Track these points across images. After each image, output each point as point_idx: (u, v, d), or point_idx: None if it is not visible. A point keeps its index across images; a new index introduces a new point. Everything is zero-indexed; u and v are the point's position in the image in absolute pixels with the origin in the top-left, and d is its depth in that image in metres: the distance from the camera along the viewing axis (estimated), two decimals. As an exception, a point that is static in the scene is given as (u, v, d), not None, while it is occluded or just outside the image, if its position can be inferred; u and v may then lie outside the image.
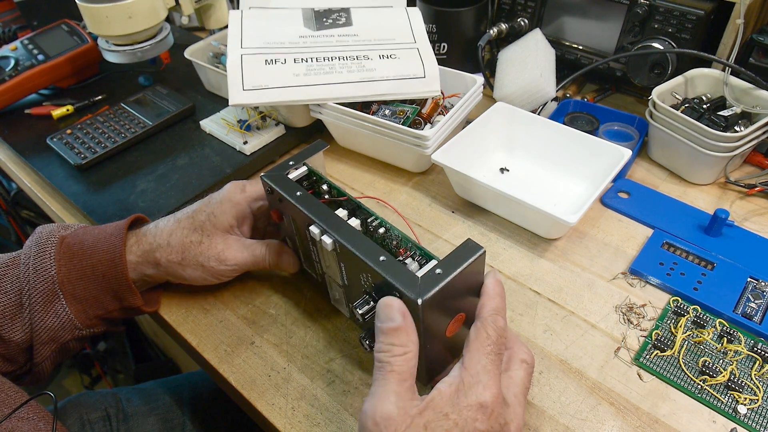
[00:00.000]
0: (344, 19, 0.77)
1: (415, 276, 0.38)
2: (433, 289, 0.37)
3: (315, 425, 0.46)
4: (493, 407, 0.36)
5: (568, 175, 0.67)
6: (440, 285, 0.37)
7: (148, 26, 0.76)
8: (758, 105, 0.66)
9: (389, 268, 0.39)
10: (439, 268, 0.38)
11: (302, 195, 0.47)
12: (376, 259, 0.40)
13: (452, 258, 0.39)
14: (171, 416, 0.70)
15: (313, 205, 0.46)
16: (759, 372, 0.48)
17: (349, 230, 0.43)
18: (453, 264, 0.39)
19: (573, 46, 0.83)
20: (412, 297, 0.37)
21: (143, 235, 0.53)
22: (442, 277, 0.38)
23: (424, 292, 0.37)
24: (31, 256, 0.50)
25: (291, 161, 0.51)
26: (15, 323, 0.49)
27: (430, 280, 0.38)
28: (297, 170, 0.51)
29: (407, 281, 0.38)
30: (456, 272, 0.38)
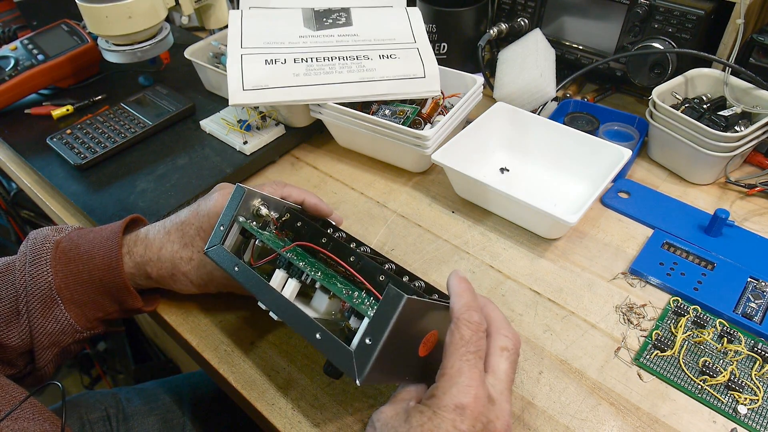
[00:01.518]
0: (344, 19, 0.77)
1: (349, 352, 0.38)
2: (368, 365, 0.37)
3: (315, 425, 0.46)
4: (473, 407, 0.36)
5: (568, 175, 0.67)
6: (374, 357, 0.37)
7: (148, 26, 0.76)
8: (758, 105, 0.66)
9: (326, 348, 0.39)
10: (369, 337, 0.37)
11: (240, 270, 0.46)
12: (313, 338, 0.40)
13: (378, 318, 0.37)
14: (171, 416, 0.70)
15: (251, 279, 0.45)
16: (759, 372, 0.48)
17: (286, 307, 0.43)
18: (380, 326, 0.37)
19: (573, 46, 0.83)
20: (352, 377, 0.37)
21: (134, 245, 0.52)
22: (374, 347, 0.37)
23: (361, 369, 0.37)
24: (26, 263, 0.50)
25: (221, 225, 0.49)
26: (11, 329, 0.49)
27: (364, 353, 0.37)
28: (231, 232, 0.49)
29: (344, 359, 0.38)
30: (385, 335, 0.37)
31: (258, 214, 0.50)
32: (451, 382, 0.37)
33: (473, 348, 0.39)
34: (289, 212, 0.50)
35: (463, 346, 0.38)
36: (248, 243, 0.50)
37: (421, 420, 0.36)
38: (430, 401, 0.37)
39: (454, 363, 0.38)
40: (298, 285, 0.45)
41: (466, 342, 0.39)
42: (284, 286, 0.45)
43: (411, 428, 0.36)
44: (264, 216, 0.50)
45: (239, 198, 0.48)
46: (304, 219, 0.49)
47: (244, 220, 0.49)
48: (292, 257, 0.45)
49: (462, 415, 0.36)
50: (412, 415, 0.37)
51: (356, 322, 0.41)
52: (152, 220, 0.56)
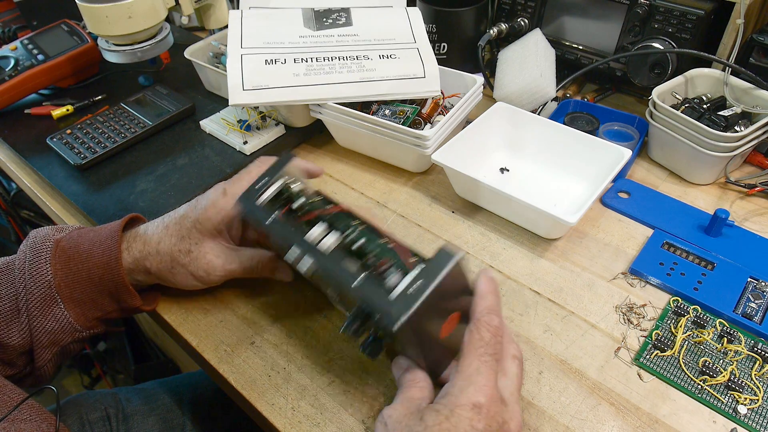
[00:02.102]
0: (344, 19, 0.77)
1: (389, 299, 0.37)
2: (407, 313, 0.36)
3: (315, 425, 0.46)
4: (489, 407, 0.36)
5: (568, 175, 0.67)
6: (414, 307, 0.36)
7: (148, 26, 0.76)
8: (758, 105, 0.66)
9: (365, 292, 0.39)
10: (413, 287, 0.37)
11: (271, 223, 0.46)
12: (349, 285, 0.39)
13: (428, 270, 0.38)
14: (171, 416, 0.70)
15: (284, 231, 0.45)
16: (759, 372, 0.48)
17: (321, 255, 0.42)
18: (428, 278, 0.37)
19: (573, 46, 0.83)
20: (388, 324, 0.36)
21: (134, 241, 0.52)
22: (417, 296, 0.36)
23: (399, 315, 0.36)
24: (26, 262, 0.50)
25: (260, 180, 0.49)
26: (12, 328, 0.49)
27: (405, 302, 0.37)
28: (268, 190, 0.49)
29: (383, 305, 0.37)
30: (431, 287, 0.37)
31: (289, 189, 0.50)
32: (468, 380, 0.37)
33: (491, 350, 0.39)
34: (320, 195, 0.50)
35: (482, 347, 0.39)
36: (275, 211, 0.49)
37: (438, 419, 0.36)
38: (446, 400, 0.37)
39: (472, 362, 0.38)
40: (339, 239, 0.44)
41: (486, 343, 0.39)
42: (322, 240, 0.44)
43: (427, 428, 0.36)
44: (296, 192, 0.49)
45: (286, 162, 0.50)
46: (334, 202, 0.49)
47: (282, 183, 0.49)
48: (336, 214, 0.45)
49: (479, 413, 0.36)
50: (427, 414, 0.37)
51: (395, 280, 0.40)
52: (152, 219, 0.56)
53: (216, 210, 0.51)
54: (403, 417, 0.38)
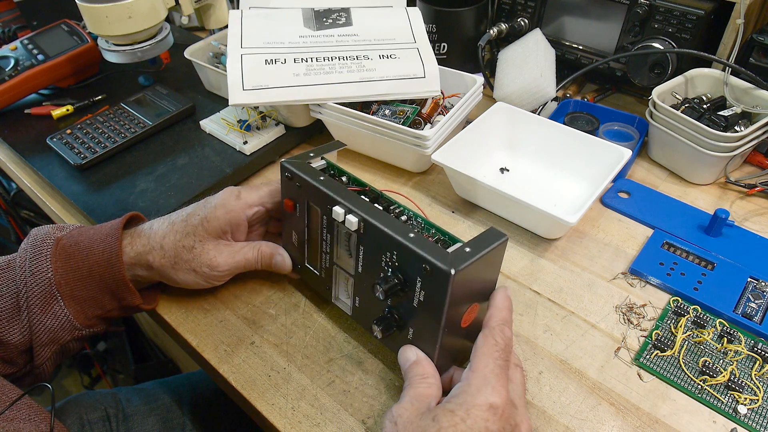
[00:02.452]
0: (344, 19, 0.77)
1: (445, 252, 0.40)
2: (465, 263, 0.38)
3: (315, 425, 0.46)
4: (504, 408, 0.37)
5: (568, 175, 0.67)
6: (471, 260, 0.39)
7: (148, 26, 0.76)
8: (758, 105, 0.66)
9: (420, 244, 0.40)
10: (468, 247, 0.40)
11: (326, 179, 0.48)
12: (406, 235, 0.41)
13: (478, 241, 0.41)
14: (171, 416, 0.70)
15: (337, 187, 0.47)
16: (759, 372, 0.48)
17: (374, 210, 0.44)
18: (480, 245, 0.40)
19: (573, 46, 0.83)
20: (445, 268, 0.38)
21: (137, 236, 0.52)
22: (472, 254, 0.39)
23: (456, 264, 0.38)
24: (27, 259, 0.50)
25: (311, 153, 0.52)
26: (12, 325, 0.49)
27: (460, 256, 0.39)
28: (317, 162, 0.52)
29: (438, 255, 0.39)
30: (483, 252, 0.40)
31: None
32: (485, 380, 0.38)
33: (505, 355, 0.40)
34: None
35: (497, 351, 0.40)
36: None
37: (453, 420, 0.36)
38: (460, 399, 0.37)
39: (488, 363, 0.39)
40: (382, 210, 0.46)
41: (500, 348, 0.40)
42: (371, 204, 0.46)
43: (441, 428, 0.36)
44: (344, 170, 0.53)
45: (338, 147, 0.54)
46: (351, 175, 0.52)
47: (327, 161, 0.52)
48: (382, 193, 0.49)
49: (495, 414, 0.36)
50: (441, 415, 0.37)
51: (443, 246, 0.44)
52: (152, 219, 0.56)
53: (226, 210, 0.52)
54: (414, 417, 0.38)
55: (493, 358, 0.39)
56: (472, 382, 0.38)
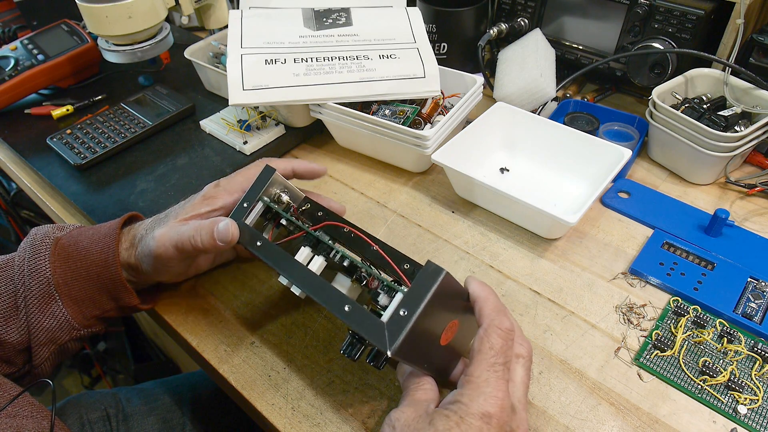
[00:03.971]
0: (344, 19, 0.77)
1: (381, 324, 0.38)
2: (401, 336, 0.37)
3: (315, 425, 0.46)
4: (499, 416, 0.36)
5: (568, 175, 0.67)
6: (407, 329, 0.37)
7: (148, 26, 0.76)
8: (758, 105, 0.66)
9: (355, 320, 0.39)
10: (403, 308, 0.37)
11: (262, 245, 0.46)
12: (341, 310, 0.40)
13: (415, 290, 0.38)
14: (171, 416, 0.70)
15: (275, 255, 0.46)
16: (759, 372, 0.48)
17: (312, 279, 0.43)
18: (417, 298, 0.37)
19: (573, 46, 0.83)
20: (383, 349, 0.37)
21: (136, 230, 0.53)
22: (408, 318, 0.37)
23: (393, 340, 0.37)
24: (25, 259, 0.50)
25: (245, 202, 0.50)
26: (10, 325, 0.49)
27: (397, 324, 0.37)
28: (254, 209, 0.50)
29: (375, 332, 0.38)
30: (421, 308, 0.37)
31: (279, 201, 0.51)
32: (478, 390, 0.37)
33: (502, 359, 0.39)
34: (309, 202, 0.51)
35: (493, 356, 0.39)
36: (267, 227, 0.51)
37: (448, 425, 0.36)
38: (456, 407, 0.37)
39: (481, 373, 0.38)
40: (324, 262, 0.45)
41: (496, 352, 0.39)
42: (309, 262, 0.45)
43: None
44: (285, 203, 0.51)
45: (267, 178, 0.50)
46: (325, 209, 0.50)
47: (268, 200, 0.50)
48: (321, 235, 0.46)
49: (488, 423, 0.36)
50: (437, 419, 0.37)
51: (385, 300, 0.42)
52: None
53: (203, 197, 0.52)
54: (411, 420, 0.38)
55: (489, 364, 0.38)
56: (465, 391, 0.38)
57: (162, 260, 0.50)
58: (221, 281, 0.59)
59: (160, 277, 0.53)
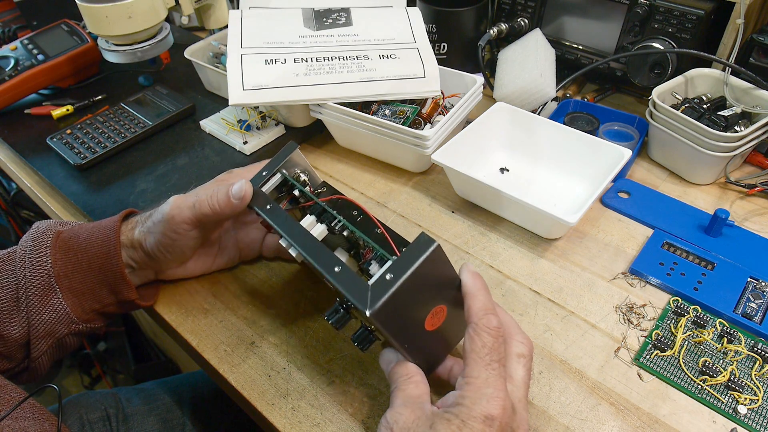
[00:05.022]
0: (344, 19, 0.77)
1: (366, 284, 0.38)
2: (382, 298, 0.36)
3: (315, 425, 0.46)
4: (501, 418, 0.36)
5: (568, 175, 0.67)
6: (390, 292, 0.37)
7: (148, 26, 0.76)
8: (758, 105, 0.66)
9: (342, 280, 0.40)
10: (390, 272, 0.37)
11: (271, 208, 0.48)
12: (331, 270, 0.40)
13: (404, 258, 0.38)
14: (171, 416, 0.70)
15: (280, 218, 0.47)
16: (759, 372, 0.48)
17: (310, 242, 0.44)
18: (404, 265, 0.37)
19: (573, 46, 0.83)
20: (362, 309, 0.37)
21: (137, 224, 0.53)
22: (392, 282, 0.37)
23: (374, 302, 0.37)
24: (27, 251, 0.50)
25: (263, 171, 0.52)
26: (12, 319, 0.49)
27: (381, 287, 0.37)
28: (272, 179, 0.52)
29: (359, 292, 0.38)
30: (407, 274, 0.37)
31: (298, 180, 0.52)
32: (479, 392, 0.37)
33: (496, 356, 0.38)
34: (326, 186, 0.52)
35: (487, 354, 0.38)
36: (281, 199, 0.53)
37: (450, 428, 0.35)
38: (457, 410, 0.36)
39: (480, 373, 0.37)
40: (326, 230, 0.47)
41: (490, 350, 0.38)
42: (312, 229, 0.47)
43: None
44: (302, 182, 0.53)
45: (289, 152, 0.51)
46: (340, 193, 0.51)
47: (286, 173, 0.52)
48: (326, 205, 0.48)
49: (491, 426, 0.36)
50: (438, 422, 0.36)
51: (376, 269, 0.42)
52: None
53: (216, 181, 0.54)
54: (411, 423, 0.37)
55: (485, 363, 0.38)
56: (466, 393, 0.37)
57: (173, 225, 0.49)
58: (221, 281, 0.59)
59: (164, 254, 0.51)
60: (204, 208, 0.49)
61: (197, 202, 0.49)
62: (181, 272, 0.56)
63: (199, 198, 0.49)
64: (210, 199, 0.49)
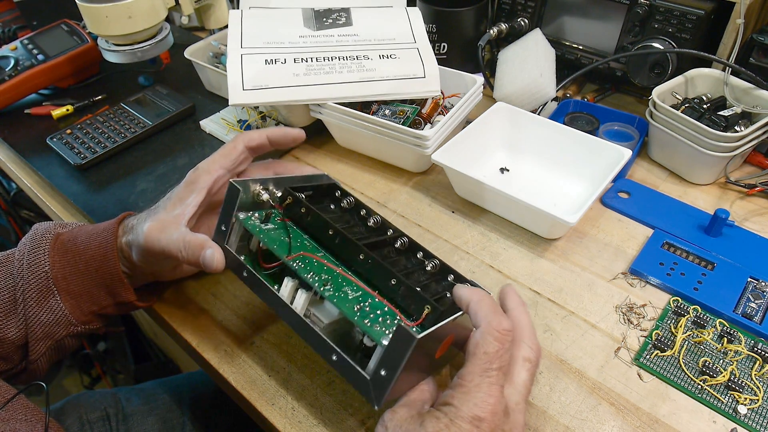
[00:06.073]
0: (344, 19, 0.77)
1: (366, 380, 0.38)
2: (385, 394, 0.37)
3: (315, 425, 0.46)
4: (490, 420, 0.36)
5: (568, 175, 0.67)
6: (390, 387, 0.37)
7: (148, 26, 0.76)
8: (758, 105, 0.66)
9: (343, 370, 0.40)
10: (383, 368, 0.37)
11: (247, 276, 0.45)
12: (329, 359, 0.40)
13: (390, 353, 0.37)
14: (171, 416, 0.70)
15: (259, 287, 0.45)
16: (759, 372, 0.48)
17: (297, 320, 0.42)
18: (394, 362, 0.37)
19: (573, 46, 0.83)
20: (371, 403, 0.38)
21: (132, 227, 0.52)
22: (389, 379, 0.37)
23: (379, 398, 0.37)
24: (25, 253, 0.50)
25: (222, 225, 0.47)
26: (9, 321, 0.49)
27: (380, 383, 0.38)
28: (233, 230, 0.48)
29: (362, 386, 0.38)
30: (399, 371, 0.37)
31: (260, 200, 0.48)
32: (467, 396, 0.37)
33: (497, 365, 0.38)
34: (290, 194, 0.48)
35: (486, 362, 0.37)
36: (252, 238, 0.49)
37: (438, 427, 0.36)
38: (447, 409, 0.37)
39: (473, 378, 0.37)
40: (308, 297, 0.44)
41: (490, 358, 0.38)
42: (294, 298, 0.44)
43: None
44: (266, 201, 0.48)
45: (236, 197, 0.46)
46: (308, 206, 0.47)
47: (244, 216, 0.47)
48: (299, 267, 0.43)
49: (478, 427, 0.36)
50: (427, 419, 0.36)
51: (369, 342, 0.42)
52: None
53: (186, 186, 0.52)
54: (403, 421, 0.38)
55: (481, 369, 0.37)
56: (456, 394, 0.37)
57: (149, 255, 0.49)
58: (221, 281, 0.59)
59: (151, 267, 0.52)
60: (175, 253, 0.47)
61: (166, 248, 0.47)
62: (179, 274, 0.56)
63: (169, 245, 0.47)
64: (181, 253, 0.47)
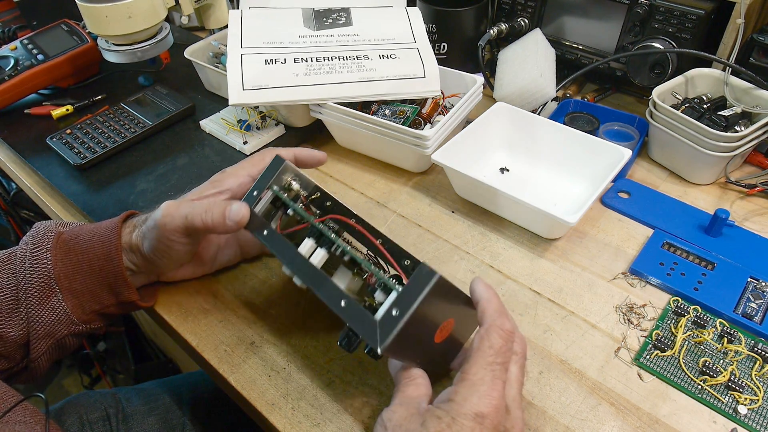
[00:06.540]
0: (344, 18, 0.77)
1: (374, 321, 0.38)
2: (392, 335, 0.37)
3: (315, 425, 0.46)
4: (492, 417, 0.36)
5: (568, 175, 0.67)
6: (397, 329, 0.37)
7: (147, 26, 0.76)
8: (758, 105, 0.66)
9: (350, 315, 0.40)
10: (396, 307, 0.38)
11: (268, 234, 0.47)
12: (338, 305, 0.41)
13: (408, 291, 0.38)
14: (171, 416, 0.70)
15: (278, 245, 0.46)
16: (759, 372, 0.48)
17: (312, 272, 0.44)
18: (409, 299, 0.38)
19: (573, 46, 0.83)
20: (375, 347, 0.38)
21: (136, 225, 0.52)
22: (399, 318, 0.37)
23: (384, 338, 0.37)
24: (27, 252, 0.50)
25: (255, 190, 0.50)
26: (12, 319, 0.49)
27: (389, 323, 0.38)
28: (264, 198, 0.50)
29: (368, 329, 0.38)
30: (413, 309, 0.37)
31: (289, 188, 0.51)
32: (472, 389, 0.37)
33: (501, 359, 0.38)
34: (319, 191, 0.51)
35: (491, 355, 0.38)
36: (276, 214, 0.51)
37: (439, 426, 0.35)
38: (448, 406, 0.36)
39: (477, 371, 0.37)
40: (326, 255, 0.45)
41: (495, 352, 0.38)
42: (312, 255, 0.46)
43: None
44: (295, 191, 0.51)
45: (277, 168, 0.50)
46: (334, 199, 0.49)
47: (277, 189, 0.50)
48: (324, 228, 0.46)
49: (481, 424, 0.35)
50: (428, 419, 0.36)
51: (381, 297, 0.42)
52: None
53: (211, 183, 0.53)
54: (403, 420, 0.38)
55: (486, 363, 0.38)
56: (459, 389, 0.37)
57: (165, 233, 0.48)
58: (221, 281, 0.59)
59: (160, 258, 0.51)
60: (196, 221, 0.47)
61: (190, 214, 0.47)
62: (182, 274, 0.56)
63: (193, 210, 0.48)
64: (204, 215, 0.47)
